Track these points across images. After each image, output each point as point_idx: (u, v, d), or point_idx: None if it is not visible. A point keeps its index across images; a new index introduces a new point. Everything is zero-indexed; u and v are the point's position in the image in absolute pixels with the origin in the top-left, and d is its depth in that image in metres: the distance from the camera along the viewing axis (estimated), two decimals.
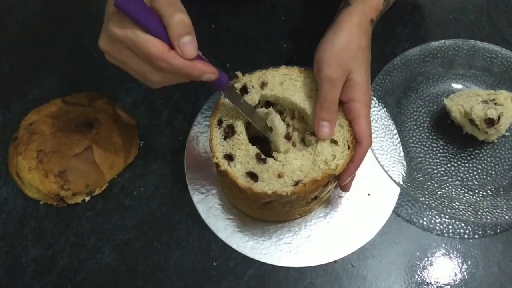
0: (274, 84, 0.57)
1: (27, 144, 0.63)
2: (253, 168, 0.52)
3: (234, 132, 0.54)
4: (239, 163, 0.52)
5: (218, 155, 0.53)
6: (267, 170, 0.52)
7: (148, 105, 0.73)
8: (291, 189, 0.50)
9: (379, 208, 0.63)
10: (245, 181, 0.51)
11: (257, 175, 0.51)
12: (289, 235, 0.61)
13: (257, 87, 0.56)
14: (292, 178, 0.51)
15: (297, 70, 0.58)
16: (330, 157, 0.52)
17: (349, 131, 0.53)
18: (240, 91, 0.56)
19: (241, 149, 0.53)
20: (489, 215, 0.60)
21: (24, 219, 0.64)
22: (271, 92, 0.56)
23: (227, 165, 0.52)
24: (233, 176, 0.51)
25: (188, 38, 0.44)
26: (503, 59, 0.71)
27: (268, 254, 0.60)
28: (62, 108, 0.67)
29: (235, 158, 0.52)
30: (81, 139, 0.64)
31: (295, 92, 0.56)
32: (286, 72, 0.57)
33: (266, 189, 0.50)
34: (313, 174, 0.51)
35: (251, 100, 0.56)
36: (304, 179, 0.50)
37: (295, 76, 0.57)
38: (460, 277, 0.60)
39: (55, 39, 0.78)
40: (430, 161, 0.67)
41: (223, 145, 0.54)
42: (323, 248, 0.61)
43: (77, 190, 0.63)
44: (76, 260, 0.61)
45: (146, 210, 0.64)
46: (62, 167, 0.62)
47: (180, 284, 0.59)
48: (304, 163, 0.52)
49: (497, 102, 0.65)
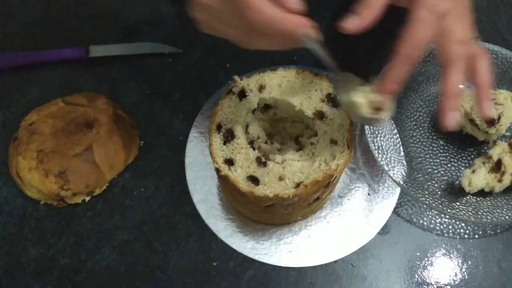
0: (272, 86, 0.56)
1: (27, 144, 0.63)
2: (253, 172, 0.52)
3: (233, 137, 0.54)
4: (239, 168, 0.52)
5: (218, 160, 0.52)
6: (268, 173, 0.51)
7: (148, 105, 0.73)
8: (292, 191, 0.50)
9: (379, 208, 0.63)
10: (246, 185, 0.51)
11: (258, 179, 0.51)
12: (289, 235, 0.61)
13: (255, 91, 0.56)
14: (293, 180, 0.51)
15: (294, 72, 0.57)
16: (330, 157, 0.52)
17: (349, 130, 0.53)
18: (238, 95, 0.56)
19: (241, 153, 0.53)
20: (489, 215, 0.60)
21: (24, 219, 0.64)
22: (270, 95, 0.56)
23: (228, 170, 0.52)
24: (234, 180, 0.51)
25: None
26: (503, 59, 0.71)
27: (269, 254, 0.60)
28: (62, 108, 0.67)
29: (236, 163, 0.52)
30: (81, 139, 0.64)
31: (293, 94, 0.56)
32: (283, 74, 0.57)
33: (267, 192, 0.50)
34: (314, 175, 0.51)
35: (250, 103, 0.55)
36: (305, 181, 0.50)
37: (292, 78, 0.57)
38: (460, 277, 0.60)
39: (55, 39, 0.78)
40: (430, 161, 0.67)
41: (223, 150, 0.53)
42: (323, 248, 0.60)
43: (77, 190, 0.63)
44: (76, 260, 0.61)
45: (146, 210, 0.64)
46: (62, 167, 0.62)
47: (180, 284, 0.59)
48: (304, 164, 0.52)
49: (497, 101, 0.65)
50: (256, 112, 0.58)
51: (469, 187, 0.61)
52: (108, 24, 0.80)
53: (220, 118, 0.55)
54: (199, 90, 0.73)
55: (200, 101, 0.72)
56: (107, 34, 0.79)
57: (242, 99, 0.56)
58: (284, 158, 0.53)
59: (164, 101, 0.73)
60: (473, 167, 0.63)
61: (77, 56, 0.75)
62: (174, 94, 0.73)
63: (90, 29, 0.80)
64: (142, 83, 0.75)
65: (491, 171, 0.62)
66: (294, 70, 0.58)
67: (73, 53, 0.75)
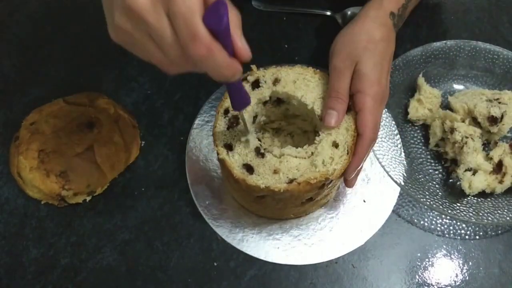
0: (287, 81, 0.56)
1: (28, 143, 0.63)
2: (250, 161, 0.52)
3: (238, 123, 0.54)
4: (237, 154, 0.52)
5: (218, 143, 0.53)
6: (263, 165, 0.52)
7: (149, 105, 0.73)
8: (284, 186, 0.50)
9: (379, 208, 0.63)
10: (241, 172, 0.51)
11: (253, 168, 0.52)
12: (279, 232, 0.62)
13: (270, 83, 0.56)
14: (287, 175, 0.51)
15: (311, 70, 0.57)
16: (328, 159, 0.52)
17: (353, 136, 0.53)
18: (252, 84, 0.56)
19: (241, 140, 0.53)
20: (490, 216, 0.60)
21: (25, 219, 0.64)
22: (283, 89, 0.56)
23: (226, 154, 0.52)
24: (229, 165, 0.51)
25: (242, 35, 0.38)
26: (504, 60, 0.71)
27: (256, 247, 0.60)
28: (63, 108, 0.67)
29: (235, 149, 0.53)
30: (82, 139, 0.64)
31: (307, 92, 0.56)
32: (300, 71, 0.57)
33: (259, 182, 0.50)
34: (309, 174, 0.51)
35: (261, 95, 0.56)
36: (299, 178, 0.50)
37: (309, 77, 0.57)
38: (461, 278, 0.60)
39: (56, 39, 0.79)
40: (431, 161, 0.67)
41: (225, 134, 0.54)
42: (323, 248, 0.61)
43: (78, 190, 0.63)
44: (77, 260, 0.61)
45: (147, 210, 0.64)
46: (63, 167, 0.62)
47: (181, 284, 0.59)
48: (302, 162, 0.52)
49: (501, 101, 0.65)
50: (267, 105, 0.58)
51: (470, 190, 0.61)
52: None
53: (228, 103, 0.55)
54: (200, 90, 0.73)
55: (201, 101, 0.72)
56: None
57: (255, 88, 0.56)
58: (283, 152, 0.53)
59: (165, 101, 0.73)
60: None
61: None
62: (175, 94, 0.73)
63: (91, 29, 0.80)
64: (143, 83, 0.75)
65: (492, 172, 0.62)
66: (312, 69, 0.58)
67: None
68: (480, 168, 0.62)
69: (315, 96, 0.56)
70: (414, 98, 0.69)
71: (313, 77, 0.57)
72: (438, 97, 0.69)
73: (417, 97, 0.69)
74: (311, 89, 0.56)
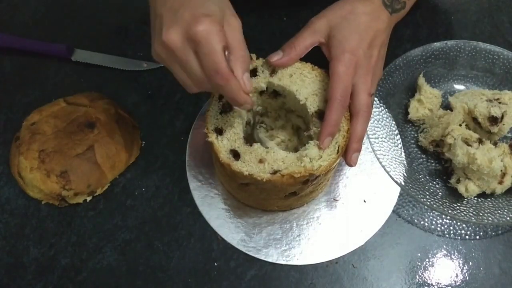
0: (283, 74, 0.57)
1: (29, 144, 0.63)
2: (238, 147, 0.53)
3: (231, 109, 0.55)
4: (226, 139, 0.53)
5: (209, 126, 0.54)
6: (250, 153, 0.52)
7: (149, 105, 0.73)
8: (267, 176, 0.50)
9: (380, 208, 0.63)
10: (227, 157, 0.52)
11: (239, 155, 0.52)
12: (280, 232, 0.62)
13: (267, 73, 0.57)
14: (272, 166, 0.51)
15: (309, 66, 0.57)
16: (316, 156, 0.52)
17: (344, 136, 0.53)
18: (250, 73, 0.56)
19: (232, 126, 0.54)
20: (491, 216, 0.60)
21: (26, 219, 0.64)
22: (279, 81, 0.56)
23: (215, 138, 0.53)
24: (217, 149, 0.52)
25: (248, 75, 0.47)
26: (505, 60, 0.71)
27: (256, 248, 0.60)
28: (64, 108, 0.67)
29: (224, 134, 0.53)
30: (83, 139, 0.64)
31: (302, 87, 0.56)
32: (298, 66, 0.57)
33: (243, 169, 0.51)
34: (294, 168, 0.51)
35: (257, 84, 0.56)
36: (283, 170, 0.51)
37: (306, 72, 0.57)
38: (461, 278, 0.60)
39: (56, 39, 0.79)
40: (432, 161, 0.67)
41: (217, 118, 0.54)
42: (324, 248, 0.61)
43: (79, 190, 0.63)
44: (77, 260, 0.61)
45: (147, 210, 0.64)
46: (64, 167, 0.62)
47: (181, 284, 0.59)
48: (288, 155, 0.52)
49: (502, 101, 0.65)
50: (264, 95, 0.58)
51: (467, 193, 0.61)
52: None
53: None
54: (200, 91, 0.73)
55: (201, 102, 0.72)
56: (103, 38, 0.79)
57: (252, 77, 0.56)
58: (272, 143, 0.53)
59: (165, 101, 0.73)
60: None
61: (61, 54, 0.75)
62: (175, 95, 0.73)
63: (91, 30, 0.80)
64: (144, 83, 0.75)
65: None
66: (310, 65, 0.58)
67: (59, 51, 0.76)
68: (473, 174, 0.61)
69: (309, 92, 0.56)
70: (415, 98, 0.69)
71: (310, 73, 0.57)
72: (438, 97, 0.69)
73: (417, 97, 0.69)
74: (306, 85, 0.56)
